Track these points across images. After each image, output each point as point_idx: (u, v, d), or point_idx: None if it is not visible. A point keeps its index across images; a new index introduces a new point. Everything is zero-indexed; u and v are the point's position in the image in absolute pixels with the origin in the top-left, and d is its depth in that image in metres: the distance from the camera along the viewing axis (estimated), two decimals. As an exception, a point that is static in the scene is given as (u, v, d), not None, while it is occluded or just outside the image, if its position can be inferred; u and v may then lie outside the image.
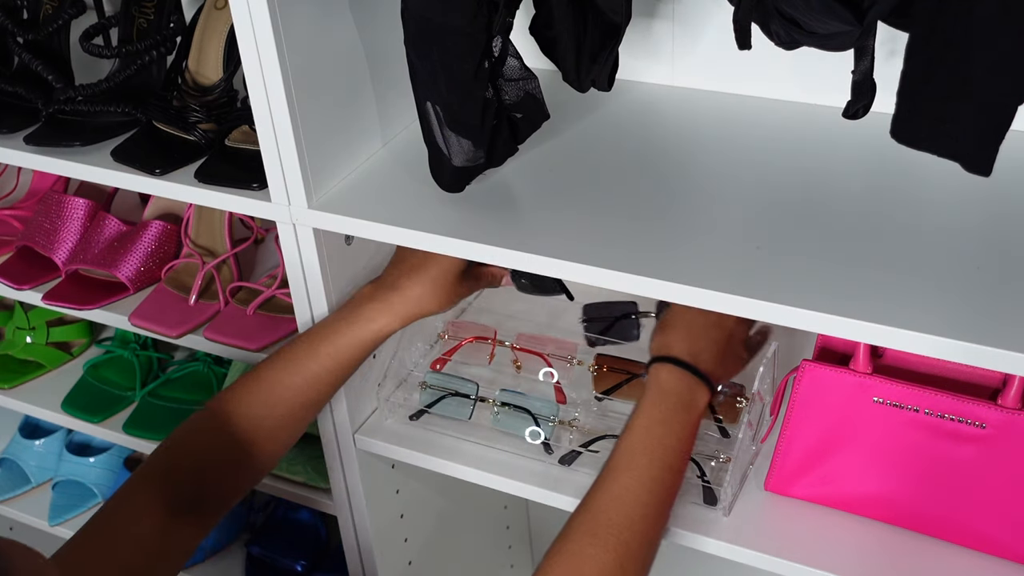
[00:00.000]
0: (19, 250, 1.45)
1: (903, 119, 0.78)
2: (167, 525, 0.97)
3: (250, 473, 1.07)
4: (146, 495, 0.99)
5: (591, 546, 0.91)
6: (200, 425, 1.05)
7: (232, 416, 1.04)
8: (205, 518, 1.02)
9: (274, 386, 1.05)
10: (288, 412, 1.06)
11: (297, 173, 1.03)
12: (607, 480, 0.96)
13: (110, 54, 1.23)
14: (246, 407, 1.04)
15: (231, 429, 1.03)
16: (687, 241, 0.96)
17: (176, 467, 1.02)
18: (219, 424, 1.04)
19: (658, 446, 0.96)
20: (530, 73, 1.01)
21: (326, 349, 1.06)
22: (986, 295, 0.87)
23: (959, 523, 0.99)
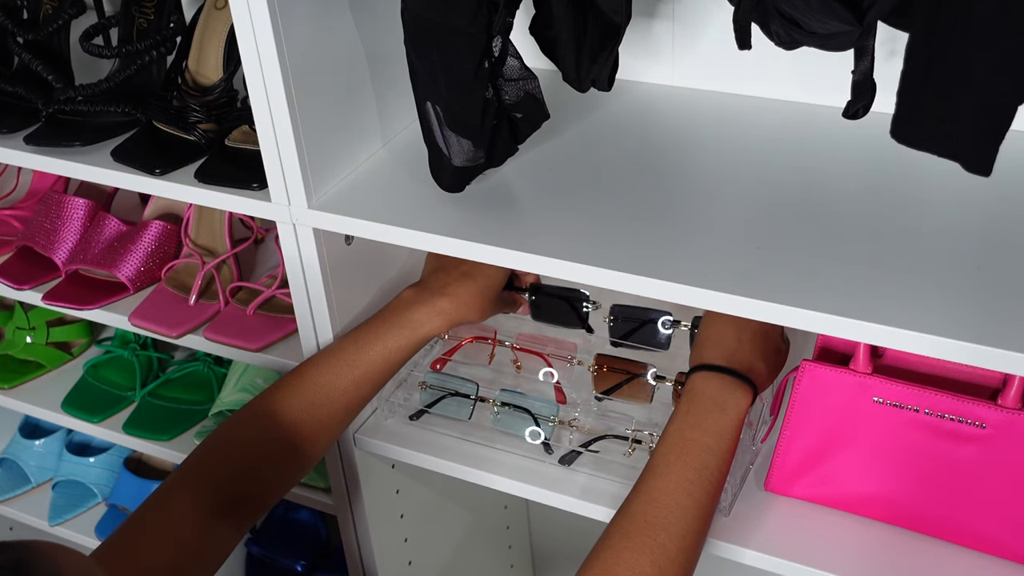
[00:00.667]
0: (19, 250, 1.45)
1: (903, 119, 0.78)
2: (205, 526, 0.97)
3: (289, 475, 1.07)
4: (184, 496, 0.98)
5: (626, 549, 0.89)
6: (241, 425, 1.04)
7: (275, 416, 1.03)
8: (242, 520, 1.02)
9: (320, 387, 1.05)
10: (332, 413, 1.06)
11: (297, 173, 1.03)
12: (643, 483, 0.94)
13: (110, 54, 1.23)
14: (289, 408, 1.04)
15: (273, 430, 1.03)
16: (687, 241, 0.96)
17: (215, 468, 1.01)
18: (261, 424, 1.03)
19: (692, 447, 0.95)
20: (530, 73, 1.01)
21: (375, 351, 1.07)
22: (986, 295, 0.87)
23: (959, 523, 0.99)
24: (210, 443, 1.03)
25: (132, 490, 1.69)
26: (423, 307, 1.09)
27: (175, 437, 1.49)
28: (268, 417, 1.04)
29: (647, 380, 1.13)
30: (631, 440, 1.11)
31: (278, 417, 1.03)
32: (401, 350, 1.08)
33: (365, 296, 1.18)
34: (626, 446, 1.11)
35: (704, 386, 0.99)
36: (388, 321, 1.08)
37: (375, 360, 1.07)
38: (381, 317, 1.09)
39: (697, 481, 0.93)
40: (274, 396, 1.05)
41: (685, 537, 0.91)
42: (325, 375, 1.06)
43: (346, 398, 1.06)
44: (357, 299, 1.16)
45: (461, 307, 1.10)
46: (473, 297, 1.10)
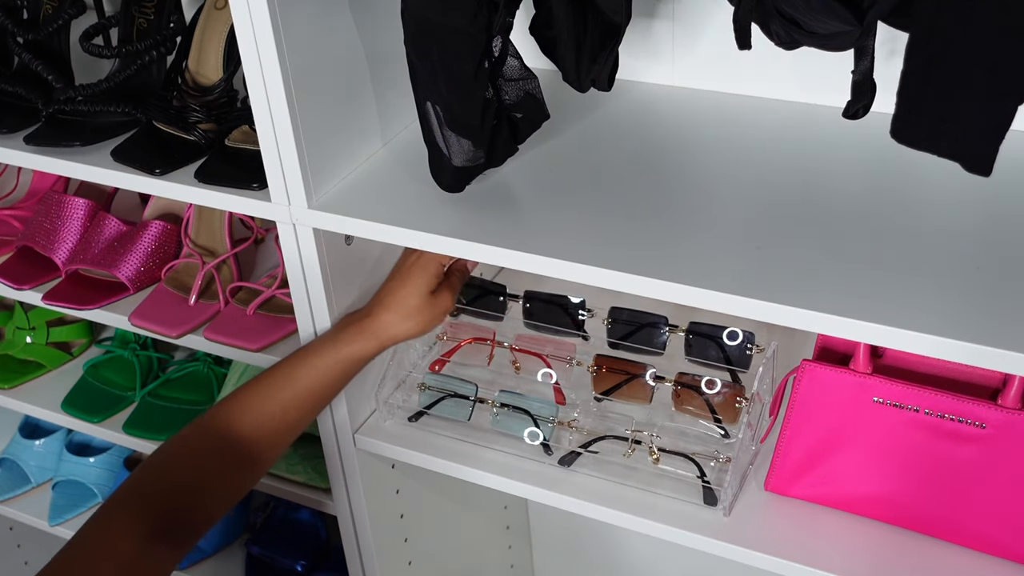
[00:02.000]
0: (19, 250, 1.45)
1: (903, 119, 0.78)
2: (142, 550, 0.96)
3: (229, 496, 1.07)
4: (123, 521, 0.97)
5: None
6: (183, 447, 1.04)
7: (218, 438, 1.04)
8: (181, 542, 1.01)
9: (263, 403, 1.06)
10: (275, 431, 1.07)
11: (297, 173, 1.03)
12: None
13: (110, 54, 1.23)
14: (236, 427, 1.05)
15: (216, 452, 1.04)
16: (687, 241, 0.96)
17: (155, 492, 1.01)
18: (204, 447, 1.04)
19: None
20: (530, 73, 1.01)
21: (308, 370, 1.08)
22: (986, 295, 0.87)
23: (959, 523, 0.99)
24: (151, 465, 1.03)
25: (132, 490, 1.69)
26: (350, 327, 1.09)
27: (175, 437, 1.49)
28: (211, 439, 1.04)
29: (646, 380, 1.13)
30: (630, 441, 1.11)
31: (221, 438, 1.04)
32: (330, 370, 1.08)
33: (365, 296, 1.18)
34: (625, 446, 1.11)
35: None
36: (318, 343, 1.09)
37: (303, 381, 1.07)
38: (314, 339, 1.11)
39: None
40: (217, 417, 1.05)
41: None
42: (266, 391, 1.07)
43: (288, 415, 1.07)
44: (357, 299, 1.16)
45: (382, 326, 1.09)
46: (393, 314, 1.09)
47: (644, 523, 1.07)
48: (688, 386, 1.11)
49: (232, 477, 1.05)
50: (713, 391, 1.09)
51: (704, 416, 1.10)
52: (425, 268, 1.10)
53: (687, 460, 1.08)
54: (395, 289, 1.10)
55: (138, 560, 0.96)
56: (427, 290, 1.10)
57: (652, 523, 1.07)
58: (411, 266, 1.10)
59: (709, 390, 1.09)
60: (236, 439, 1.04)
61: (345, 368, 1.09)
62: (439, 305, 1.12)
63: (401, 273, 1.11)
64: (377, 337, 1.09)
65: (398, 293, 1.09)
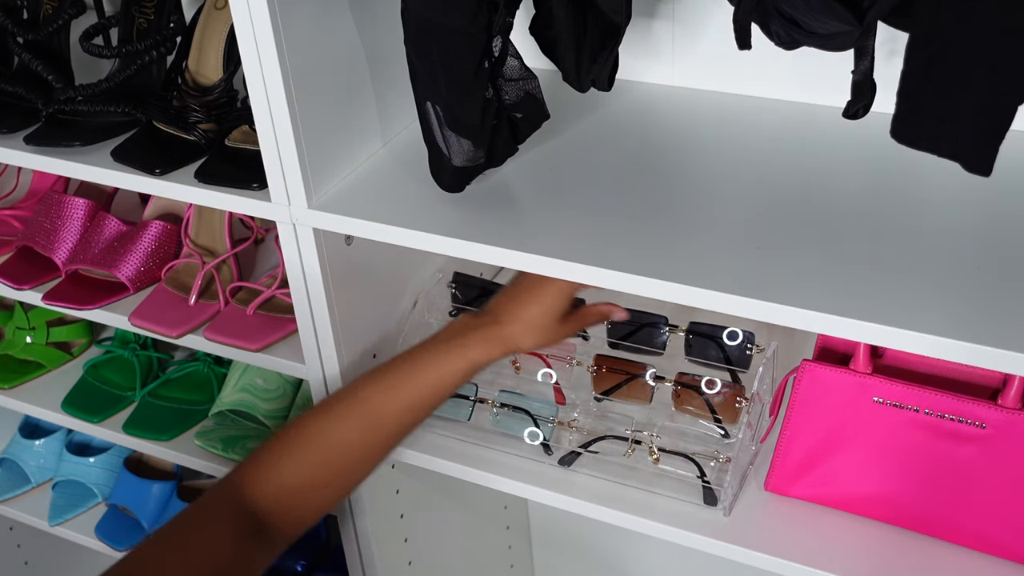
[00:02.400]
0: (19, 250, 1.45)
1: (903, 119, 0.78)
2: (241, 550, 0.95)
3: (333, 497, 1.04)
4: (223, 519, 0.96)
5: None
6: (289, 445, 1.02)
7: (326, 438, 1.02)
8: (279, 541, 1.00)
9: (373, 410, 1.03)
10: (383, 436, 1.04)
11: (297, 173, 1.03)
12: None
13: (110, 54, 1.23)
14: (342, 429, 1.02)
15: (322, 452, 1.01)
16: (687, 241, 0.96)
17: (257, 490, 0.98)
18: (310, 446, 1.01)
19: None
20: (530, 73, 1.01)
21: (429, 376, 1.05)
22: (986, 295, 0.87)
23: (959, 523, 0.99)
24: (254, 462, 1.01)
25: (132, 490, 1.69)
26: (474, 333, 1.06)
27: (175, 437, 1.49)
28: (318, 439, 1.01)
29: (646, 380, 1.13)
30: (630, 441, 1.11)
31: (329, 439, 1.02)
32: (454, 374, 1.05)
33: (365, 296, 1.18)
34: (625, 446, 1.11)
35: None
36: (441, 345, 1.06)
37: (428, 383, 1.05)
38: (436, 340, 1.07)
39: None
40: (326, 416, 1.03)
41: None
42: (380, 396, 1.04)
43: (398, 420, 1.05)
44: (357, 299, 1.16)
45: (509, 336, 1.06)
46: (523, 325, 1.07)
47: (644, 523, 1.07)
48: (688, 386, 1.11)
49: (338, 479, 1.03)
50: (713, 391, 1.09)
51: (704, 416, 1.10)
52: (563, 292, 1.07)
53: (687, 460, 1.08)
54: (529, 304, 1.07)
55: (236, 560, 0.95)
56: (561, 314, 1.08)
57: (652, 523, 1.07)
58: (549, 286, 1.07)
59: (709, 390, 1.09)
60: (347, 442, 1.02)
61: (468, 373, 1.06)
62: (564, 331, 1.10)
63: (537, 290, 1.07)
64: (504, 346, 1.07)
65: (532, 309, 1.07)
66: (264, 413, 1.42)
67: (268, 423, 1.42)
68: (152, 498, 1.69)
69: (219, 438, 1.45)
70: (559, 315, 1.08)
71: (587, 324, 1.14)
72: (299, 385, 1.45)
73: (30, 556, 2.17)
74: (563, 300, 1.08)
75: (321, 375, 1.19)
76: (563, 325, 1.09)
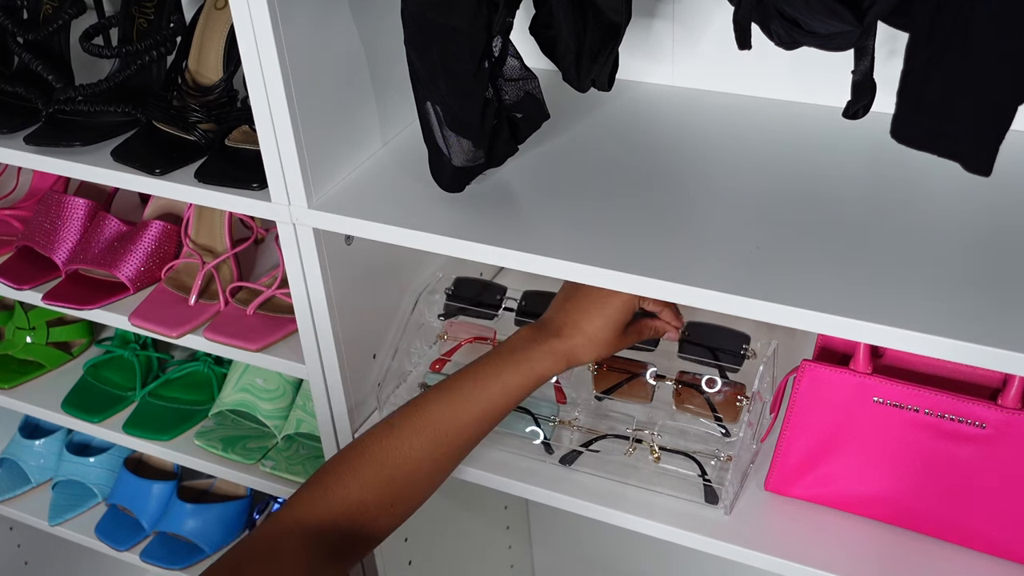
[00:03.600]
0: (19, 250, 1.45)
1: (903, 119, 0.78)
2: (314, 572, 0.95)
3: (401, 514, 1.04)
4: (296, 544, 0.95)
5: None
6: (358, 463, 1.01)
7: (395, 455, 1.01)
8: (349, 561, 0.99)
9: (440, 424, 1.02)
10: (450, 451, 1.03)
11: (297, 173, 1.03)
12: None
13: (110, 54, 1.23)
14: (410, 447, 1.01)
15: (392, 469, 1.00)
16: (687, 241, 0.96)
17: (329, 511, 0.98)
18: (380, 463, 1.00)
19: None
20: (530, 73, 1.01)
21: (494, 389, 1.03)
22: (986, 295, 0.87)
23: (959, 523, 0.99)
24: (317, 484, 1.00)
25: (132, 490, 1.69)
26: (538, 347, 1.05)
27: (175, 437, 1.49)
28: (387, 456, 1.00)
29: (647, 379, 1.13)
30: (631, 440, 1.11)
31: (398, 456, 1.01)
32: (520, 388, 1.04)
33: (365, 296, 1.18)
34: (626, 445, 1.11)
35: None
36: (505, 359, 1.05)
37: (494, 397, 1.03)
38: (498, 354, 1.06)
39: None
40: (393, 433, 1.02)
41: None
42: (445, 411, 1.03)
43: (464, 435, 1.03)
44: (357, 299, 1.16)
45: (573, 349, 1.05)
46: (587, 338, 1.05)
47: (645, 523, 1.07)
48: (689, 384, 1.11)
49: (407, 496, 1.03)
50: (714, 390, 1.09)
51: (705, 415, 1.11)
52: (628, 305, 1.06)
53: (688, 459, 1.08)
54: (594, 317, 1.05)
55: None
56: (623, 328, 1.07)
57: (653, 523, 1.07)
58: (614, 299, 1.05)
59: (710, 388, 1.09)
60: (416, 457, 1.01)
61: (532, 387, 1.05)
62: (624, 342, 1.09)
63: (602, 303, 1.05)
64: (567, 360, 1.05)
65: (596, 323, 1.05)
66: (264, 413, 1.42)
67: (268, 423, 1.42)
68: (152, 498, 1.69)
69: (219, 438, 1.45)
70: (622, 328, 1.07)
71: (644, 338, 1.12)
72: (299, 385, 1.45)
73: (30, 556, 2.17)
74: (627, 313, 1.06)
75: (321, 375, 1.19)
76: (622, 338, 1.08)
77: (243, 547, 0.96)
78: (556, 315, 1.07)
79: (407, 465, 1.01)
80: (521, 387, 1.04)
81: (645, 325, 1.11)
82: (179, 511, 1.65)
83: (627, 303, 1.06)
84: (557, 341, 1.05)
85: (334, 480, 1.00)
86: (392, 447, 1.01)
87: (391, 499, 1.01)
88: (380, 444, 1.01)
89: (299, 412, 1.41)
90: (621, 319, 1.06)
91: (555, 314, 1.07)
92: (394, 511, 1.02)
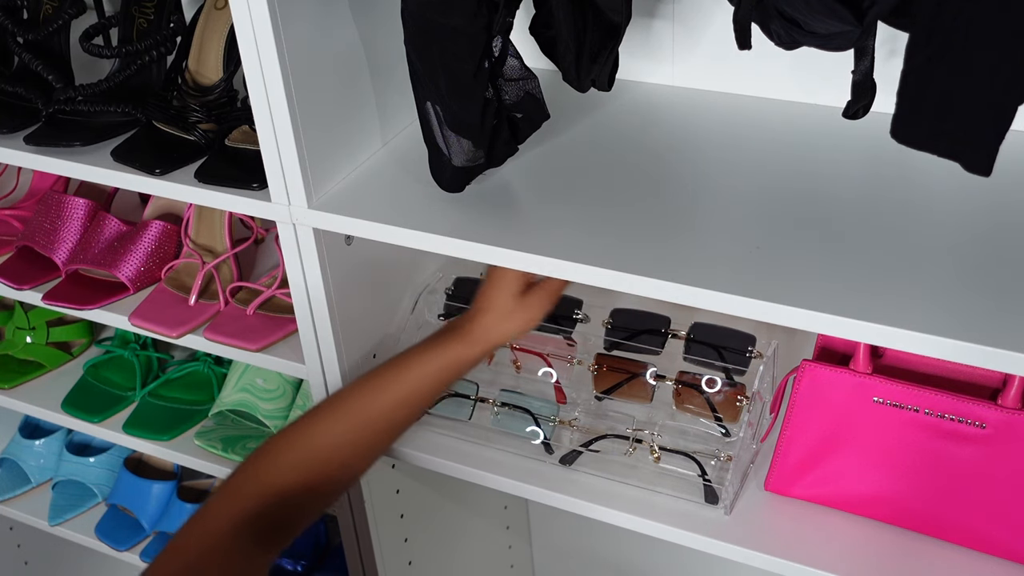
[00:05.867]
0: (19, 250, 1.45)
1: (903, 119, 0.78)
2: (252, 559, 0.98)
3: (324, 500, 1.07)
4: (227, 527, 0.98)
5: None
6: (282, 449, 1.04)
7: (315, 440, 1.04)
8: (276, 546, 1.02)
9: (360, 409, 1.06)
10: (372, 436, 1.07)
11: (297, 173, 1.03)
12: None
13: (110, 54, 1.23)
14: (331, 432, 1.05)
15: (313, 454, 1.04)
16: (687, 241, 0.97)
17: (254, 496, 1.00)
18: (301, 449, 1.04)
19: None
20: (530, 73, 1.01)
21: (413, 373, 1.07)
22: (986, 295, 0.87)
23: (959, 523, 0.99)
24: (249, 470, 1.03)
25: (132, 490, 1.69)
26: (451, 333, 1.09)
27: (175, 437, 1.49)
28: (308, 441, 1.04)
29: (647, 379, 1.13)
30: (632, 439, 1.11)
31: (318, 442, 1.04)
32: (439, 372, 1.08)
33: (365, 296, 1.18)
34: (626, 445, 1.11)
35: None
36: (423, 346, 1.09)
37: (412, 382, 1.07)
38: (418, 344, 1.10)
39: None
40: (314, 419, 1.06)
41: None
42: (364, 398, 1.07)
43: (384, 421, 1.07)
44: (357, 299, 1.16)
45: (485, 325, 1.08)
46: (492, 314, 1.08)
47: (645, 523, 1.07)
48: (689, 385, 1.11)
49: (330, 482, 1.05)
50: (714, 390, 1.09)
51: (705, 415, 1.11)
52: (505, 272, 1.08)
53: (688, 459, 1.08)
54: (488, 292, 1.09)
55: (248, 567, 0.97)
56: (516, 290, 1.08)
57: (653, 523, 1.07)
58: (501, 271, 1.08)
59: (710, 389, 1.09)
60: (337, 444, 1.05)
61: (454, 371, 1.09)
62: (530, 309, 1.10)
63: (492, 279, 1.09)
64: (479, 341, 1.08)
65: (490, 295, 1.09)
66: (264, 413, 1.42)
67: (268, 423, 1.42)
68: (152, 498, 1.69)
69: (219, 438, 1.45)
70: (517, 293, 1.09)
71: (551, 298, 1.12)
72: (299, 385, 1.45)
73: (30, 556, 2.17)
74: (518, 280, 1.08)
75: (321, 375, 1.19)
76: (526, 305, 1.09)
77: (186, 533, 0.98)
78: (474, 301, 1.11)
79: (325, 451, 1.04)
80: (440, 371, 1.08)
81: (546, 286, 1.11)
82: (179, 511, 1.65)
83: (515, 272, 1.07)
84: (467, 324, 1.09)
85: (260, 468, 1.03)
86: (312, 433, 1.05)
87: (315, 484, 1.04)
88: (301, 431, 1.05)
89: (299, 412, 1.41)
90: (513, 287, 1.08)
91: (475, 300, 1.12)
92: (320, 496, 1.06)
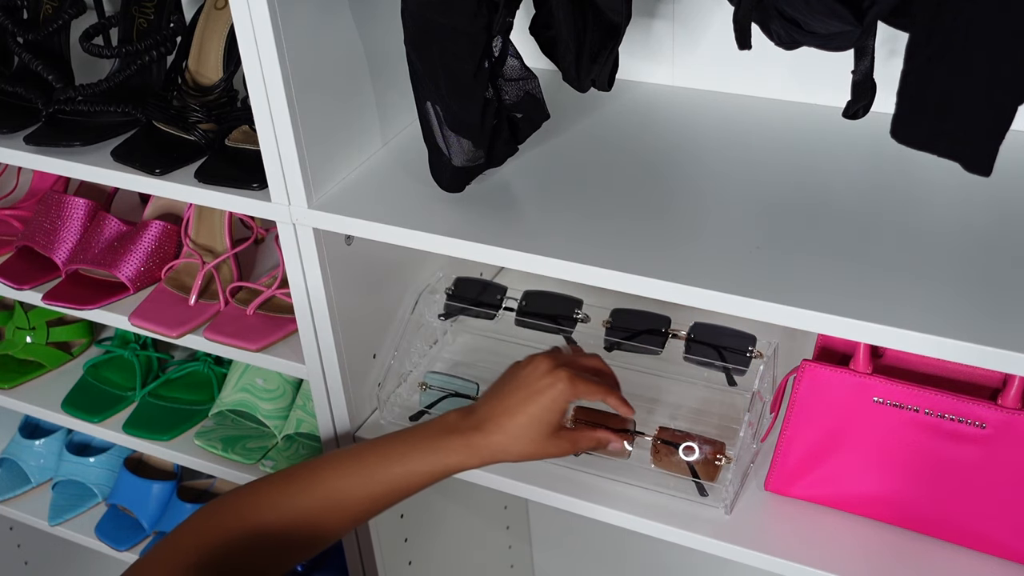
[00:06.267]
0: (19, 250, 1.45)
1: (903, 119, 0.78)
2: None
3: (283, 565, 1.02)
4: (199, 570, 0.94)
5: None
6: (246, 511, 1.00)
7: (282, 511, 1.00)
8: None
9: (335, 492, 1.00)
10: (340, 519, 1.01)
11: (297, 173, 1.03)
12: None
13: (110, 54, 1.23)
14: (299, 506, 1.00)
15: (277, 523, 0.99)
16: (687, 241, 0.96)
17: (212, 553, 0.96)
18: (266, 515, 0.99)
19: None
20: (530, 73, 1.01)
21: (396, 471, 1.00)
22: (986, 295, 0.87)
23: (959, 523, 0.99)
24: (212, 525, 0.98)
25: (132, 490, 1.69)
26: (455, 438, 1.00)
27: (175, 437, 1.49)
28: (275, 510, 1.00)
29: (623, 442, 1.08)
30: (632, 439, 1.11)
31: (285, 513, 1.00)
32: (425, 475, 1.00)
33: (365, 296, 1.18)
34: (626, 446, 1.11)
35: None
36: (418, 442, 1.01)
37: (394, 479, 1.00)
38: (414, 434, 1.02)
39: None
40: (286, 489, 1.01)
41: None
42: (343, 481, 1.00)
43: (358, 508, 1.02)
44: (357, 299, 1.16)
45: (493, 446, 0.99)
46: (510, 437, 0.99)
47: (645, 523, 1.07)
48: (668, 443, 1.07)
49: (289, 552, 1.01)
50: (691, 458, 1.05)
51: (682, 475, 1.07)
52: (555, 404, 0.99)
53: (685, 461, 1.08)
54: (516, 415, 0.99)
55: None
56: (552, 428, 1.00)
57: (653, 523, 1.07)
58: (538, 397, 0.99)
59: (688, 457, 1.05)
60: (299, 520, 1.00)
61: (440, 477, 1.01)
62: (558, 446, 1.01)
63: (526, 401, 0.99)
64: (482, 457, 1.00)
65: (519, 420, 0.98)
66: (264, 413, 1.42)
67: (268, 423, 1.42)
68: (152, 498, 1.69)
69: (219, 438, 1.45)
70: (551, 428, 1.00)
71: (580, 448, 1.04)
72: (299, 385, 1.45)
73: (30, 556, 2.17)
74: (555, 414, 0.99)
75: (321, 375, 1.19)
76: (554, 440, 1.01)
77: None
78: (484, 405, 1.02)
79: (294, 524, 0.99)
80: (426, 475, 1.00)
81: (584, 436, 1.04)
82: (179, 511, 1.65)
83: (555, 402, 0.99)
84: (478, 436, 0.99)
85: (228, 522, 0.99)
86: (284, 505, 1.00)
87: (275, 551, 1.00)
88: (275, 498, 1.00)
89: (299, 412, 1.42)
90: (548, 419, 0.99)
91: (484, 404, 1.02)
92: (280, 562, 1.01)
